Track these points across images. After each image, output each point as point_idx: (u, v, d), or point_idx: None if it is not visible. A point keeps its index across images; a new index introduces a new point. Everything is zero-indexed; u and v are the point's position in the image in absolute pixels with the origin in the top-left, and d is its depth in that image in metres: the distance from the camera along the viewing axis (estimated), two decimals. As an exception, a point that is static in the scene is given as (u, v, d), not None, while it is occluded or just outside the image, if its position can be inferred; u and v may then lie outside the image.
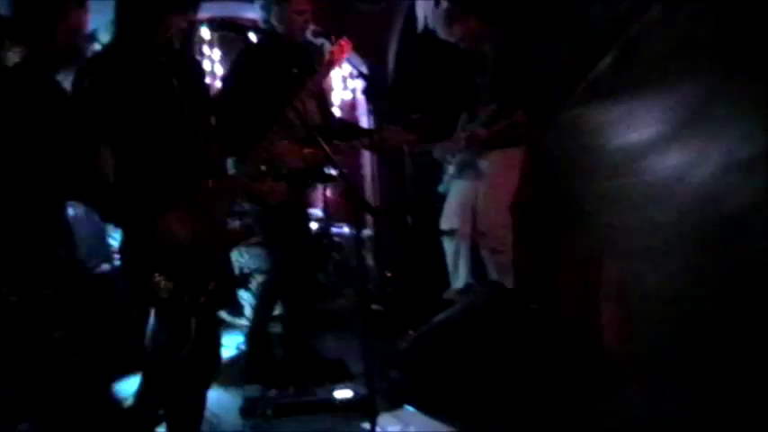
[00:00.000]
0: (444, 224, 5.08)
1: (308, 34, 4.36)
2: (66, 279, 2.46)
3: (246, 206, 4.54)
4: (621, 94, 3.35)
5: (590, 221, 3.80)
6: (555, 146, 4.13)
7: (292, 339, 4.53)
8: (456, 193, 5.05)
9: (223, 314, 5.34)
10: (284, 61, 4.22)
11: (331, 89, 7.51)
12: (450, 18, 4.99)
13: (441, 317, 4.30)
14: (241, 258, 5.69)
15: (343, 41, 4.14)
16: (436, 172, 5.32)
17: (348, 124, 5.46)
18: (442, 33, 5.09)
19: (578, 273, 4.13)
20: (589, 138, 3.61)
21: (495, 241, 4.87)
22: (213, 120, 3.32)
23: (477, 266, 5.01)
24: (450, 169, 5.09)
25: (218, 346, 3.24)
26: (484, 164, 4.89)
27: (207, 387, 3.19)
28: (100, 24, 3.96)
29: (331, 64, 4.16)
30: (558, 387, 3.64)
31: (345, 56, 4.17)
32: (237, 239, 3.69)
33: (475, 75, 5.06)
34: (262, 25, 4.42)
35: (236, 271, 5.99)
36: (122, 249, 2.87)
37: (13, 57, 2.24)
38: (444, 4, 5.01)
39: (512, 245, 4.82)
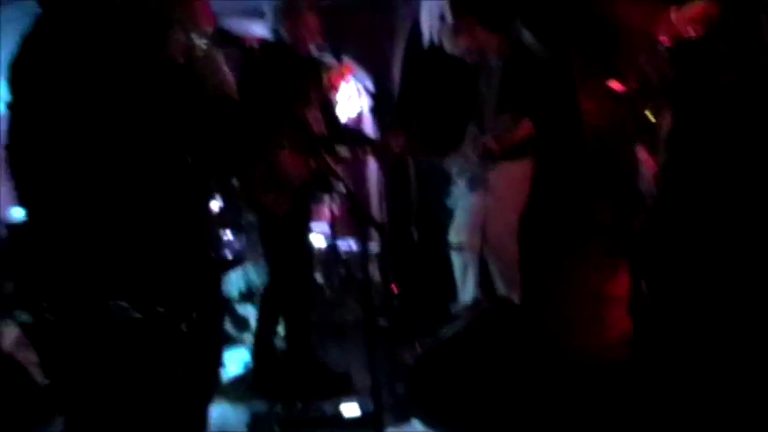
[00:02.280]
0: (453, 237, 5.07)
1: (314, 49, 4.38)
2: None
3: (250, 217, 4.55)
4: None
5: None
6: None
7: (296, 353, 4.52)
8: (465, 206, 5.04)
9: (228, 329, 5.34)
10: (289, 73, 4.23)
11: (337, 101, 7.52)
12: (456, 31, 5.00)
13: (448, 332, 4.29)
14: (247, 274, 5.69)
15: (345, 67, 4.15)
16: (442, 184, 5.31)
17: (352, 132, 5.46)
18: (448, 46, 5.09)
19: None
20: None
21: (504, 254, 4.87)
22: None
23: (485, 281, 5.01)
24: (460, 182, 5.08)
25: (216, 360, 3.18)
26: (492, 176, 4.88)
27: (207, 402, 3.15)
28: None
29: (332, 88, 4.16)
30: (561, 403, 3.63)
31: (346, 80, 4.18)
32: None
33: (481, 87, 5.06)
34: (271, 38, 4.44)
35: (243, 287, 6.01)
36: None
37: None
38: (449, 18, 5.02)
39: (518, 258, 4.83)
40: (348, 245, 6.29)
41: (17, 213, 5.60)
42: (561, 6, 5.28)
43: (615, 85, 4.07)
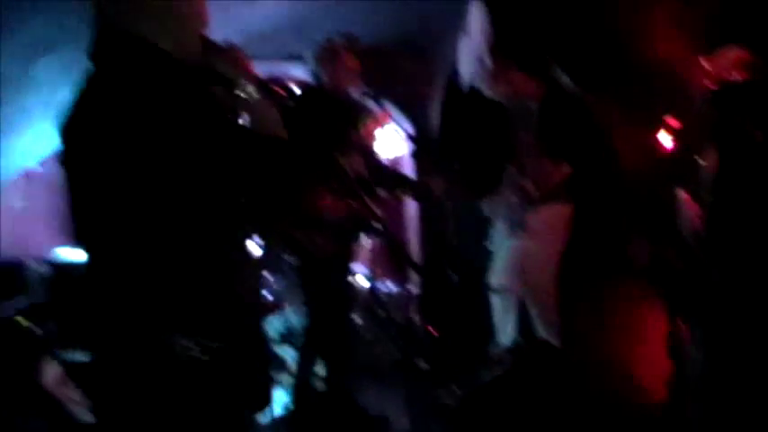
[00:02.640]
0: (494, 280, 5.06)
1: (355, 94, 4.43)
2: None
3: (290, 259, 4.58)
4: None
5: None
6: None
7: (335, 395, 4.51)
8: (505, 249, 5.03)
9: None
10: (329, 117, 4.28)
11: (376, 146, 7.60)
12: (494, 74, 5.04)
13: (487, 376, 4.27)
14: (287, 316, 5.72)
15: (382, 114, 4.19)
16: (480, 227, 5.31)
17: (392, 174, 5.50)
18: (485, 90, 5.13)
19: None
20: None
21: (543, 297, 4.85)
22: None
23: (524, 324, 4.98)
24: (499, 225, 5.08)
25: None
26: (532, 219, 4.89)
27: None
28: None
29: (369, 136, 4.20)
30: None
31: (383, 127, 4.21)
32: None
33: (519, 130, 5.08)
34: (310, 81, 4.49)
35: (283, 328, 6.04)
36: None
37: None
38: (488, 61, 5.06)
39: (558, 301, 4.81)
40: (386, 286, 6.30)
41: (64, 254, 5.73)
42: (599, 50, 5.31)
43: (667, 122, 4.07)
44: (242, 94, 2.15)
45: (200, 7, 2.10)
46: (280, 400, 4.98)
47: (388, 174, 5.20)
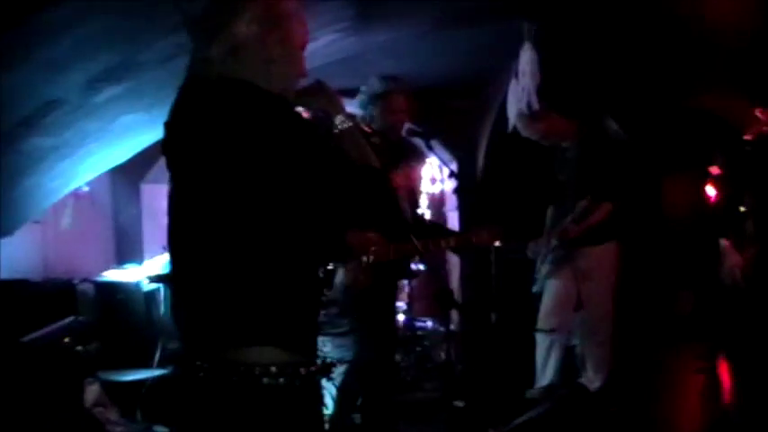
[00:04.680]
0: (542, 323, 5.06)
1: (404, 132, 4.46)
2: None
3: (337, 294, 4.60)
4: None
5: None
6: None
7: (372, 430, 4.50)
8: (552, 292, 5.05)
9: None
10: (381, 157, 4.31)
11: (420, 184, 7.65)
12: (533, 117, 5.09)
13: (523, 418, 4.26)
14: (324, 347, 5.73)
15: (407, 169, 4.21)
16: (522, 270, 5.32)
17: (434, 223, 5.53)
18: (523, 132, 5.18)
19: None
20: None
21: (599, 337, 4.88)
22: None
23: (565, 367, 4.99)
24: (543, 269, 5.10)
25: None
26: (581, 262, 4.90)
27: None
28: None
29: (397, 189, 4.20)
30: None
31: (410, 183, 4.22)
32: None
33: (560, 172, 5.11)
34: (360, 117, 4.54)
35: (319, 360, 6.04)
36: None
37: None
38: (535, 104, 5.10)
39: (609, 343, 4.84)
40: (426, 324, 6.31)
41: (110, 274, 5.83)
42: (648, 97, 5.33)
43: (712, 170, 4.10)
44: (335, 124, 2.21)
45: (299, 56, 2.15)
46: None
47: (428, 222, 5.24)
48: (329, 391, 5.63)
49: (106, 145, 4.67)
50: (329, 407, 5.47)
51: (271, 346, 1.95)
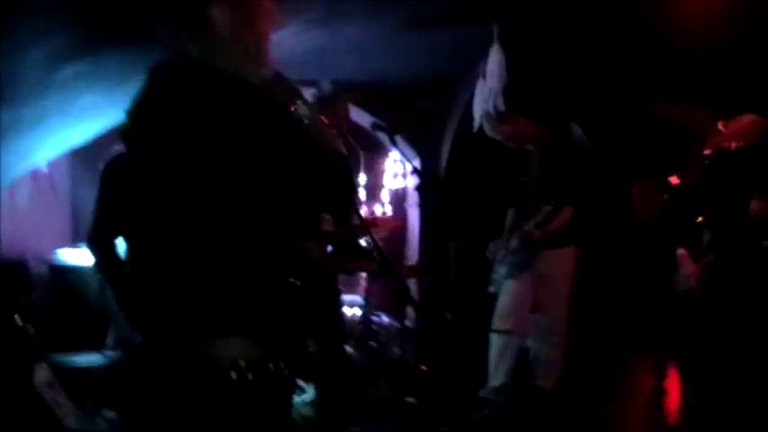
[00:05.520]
0: (497, 323, 5.08)
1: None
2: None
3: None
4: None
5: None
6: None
7: (324, 425, 4.49)
8: (509, 293, 5.07)
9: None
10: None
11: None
12: (500, 118, 5.10)
13: (475, 417, 4.28)
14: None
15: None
16: (481, 271, 5.34)
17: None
18: (489, 132, 5.19)
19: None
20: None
21: (553, 340, 4.92)
22: None
23: (519, 368, 5.02)
24: (501, 269, 5.12)
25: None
26: (539, 264, 4.93)
27: None
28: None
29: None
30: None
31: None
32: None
33: (523, 175, 5.13)
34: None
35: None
36: None
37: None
38: (501, 106, 5.12)
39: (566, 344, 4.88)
40: (381, 320, 6.30)
41: (65, 255, 5.75)
42: (615, 105, 5.37)
43: (672, 180, 4.15)
44: (301, 112, 2.20)
45: (266, 44, 2.13)
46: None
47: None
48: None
49: (65, 125, 4.61)
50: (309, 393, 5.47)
51: (240, 337, 1.91)
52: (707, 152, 5.02)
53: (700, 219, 4.82)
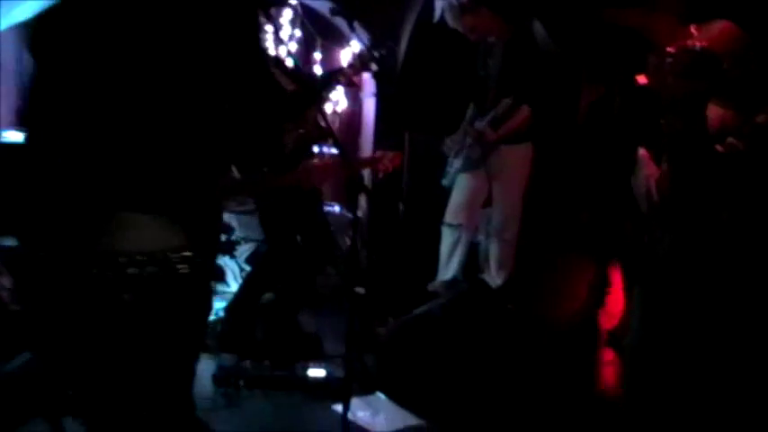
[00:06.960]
0: (449, 217, 5.09)
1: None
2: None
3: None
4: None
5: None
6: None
7: (280, 315, 4.48)
8: (463, 188, 5.06)
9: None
10: None
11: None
12: (462, 8, 4.98)
13: (422, 309, 4.31)
14: (228, 224, 5.64)
15: (395, 156, 4.02)
16: (435, 163, 5.31)
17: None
18: (451, 23, 5.08)
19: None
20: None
21: (505, 236, 4.94)
22: None
23: (468, 262, 5.06)
24: (456, 164, 5.08)
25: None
26: (495, 160, 4.91)
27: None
28: None
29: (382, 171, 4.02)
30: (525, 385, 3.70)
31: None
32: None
33: (482, 69, 5.05)
34: None
35: (223, 237, 5.97)
36: None
37: None
38: (464, -4, 4.98)
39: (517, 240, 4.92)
40: (333, 209, 6.27)
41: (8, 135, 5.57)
42: (577, 7, 5.26)
43: (639, 79, 4.09)
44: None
45: None
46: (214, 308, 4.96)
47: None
48: (231, 269, 5.60)
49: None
50: (231, 285, 5.46)
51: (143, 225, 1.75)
52: (670, 50, 4.94)
53: (662, 121, 4.79)
